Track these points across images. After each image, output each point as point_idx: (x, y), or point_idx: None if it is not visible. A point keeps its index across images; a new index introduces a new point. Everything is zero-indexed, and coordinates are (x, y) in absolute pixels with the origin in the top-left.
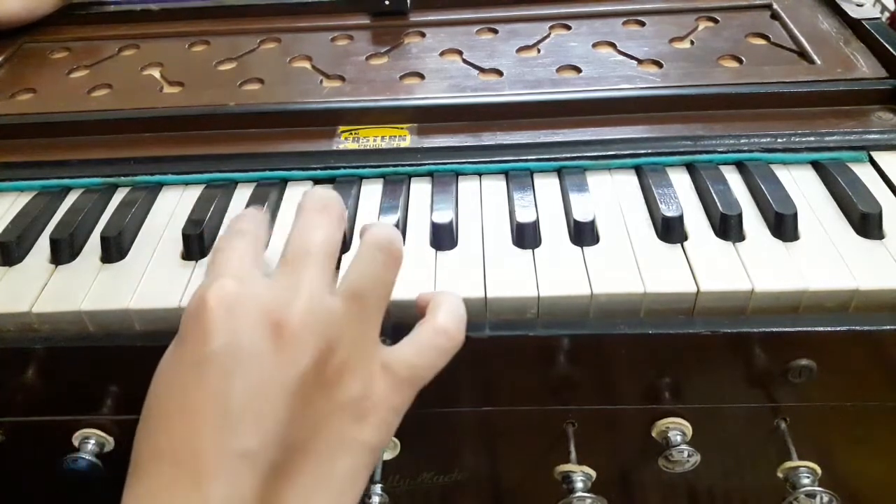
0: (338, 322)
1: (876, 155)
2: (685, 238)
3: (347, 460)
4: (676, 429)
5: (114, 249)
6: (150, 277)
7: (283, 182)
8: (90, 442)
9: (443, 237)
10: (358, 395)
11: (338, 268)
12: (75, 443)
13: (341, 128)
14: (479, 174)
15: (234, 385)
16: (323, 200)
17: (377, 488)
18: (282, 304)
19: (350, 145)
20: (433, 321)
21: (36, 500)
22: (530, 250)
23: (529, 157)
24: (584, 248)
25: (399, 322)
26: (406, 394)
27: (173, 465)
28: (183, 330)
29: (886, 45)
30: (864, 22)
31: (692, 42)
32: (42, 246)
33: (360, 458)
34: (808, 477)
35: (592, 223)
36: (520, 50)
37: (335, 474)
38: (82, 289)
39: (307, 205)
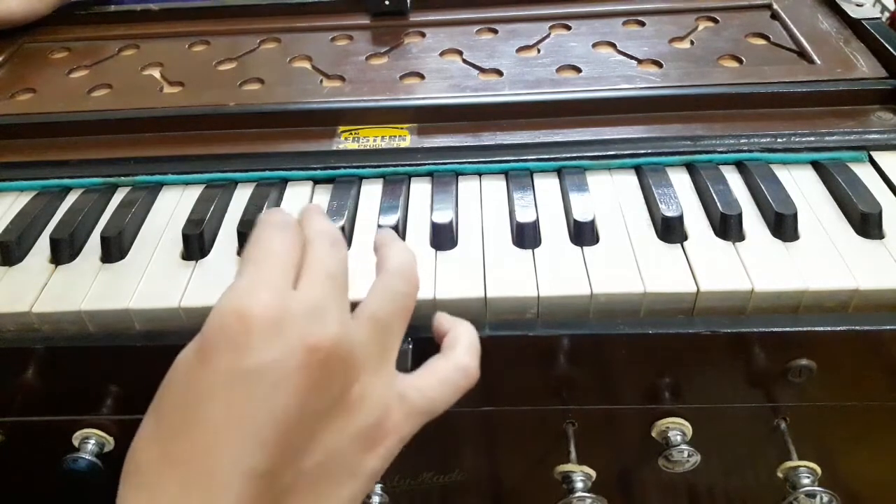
0: (363, 350)
1: (876, 155)
2: (685, 238)
3: (351, 487)
4: (676, 429)
5: (114, 249)
6: (150, 277)
7: (283, 182)
8: (90, 442)
9: (443, 237)
10: (373, 425)
11: None
12: (75, 443)
13: (341, 128)
14: (479, 174)
15: (261, 406)
16: (334, 234)
17: (377, 488)
18: (316, 330)
19: (350, 145)
20: (455, 358)
21: (36, 500)
22: (530, 250)
23: (529, 157)
24: (584, 247)
25: None
26: (416, 424)
27: (185, 475)
28: (215, 337)
29: (886, 45)
30: (864, 22)
31: (692, 42)
32: (42, 246)
33: (363, 485)
34: (808, 477)
35: (592, 223)
36: (520, 50)
37: (338, 501)
38: (82, 289)
39: (316, 232)
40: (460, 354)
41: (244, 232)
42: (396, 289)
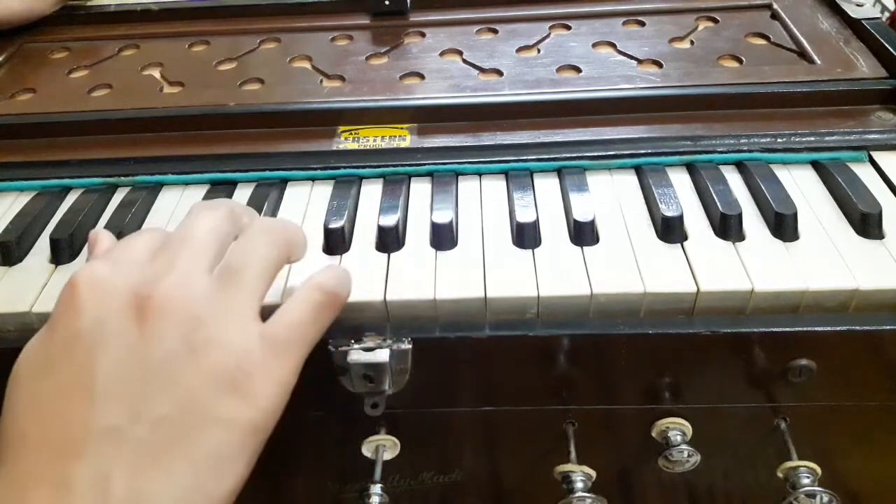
0: (207, 297)
1: (876, 155)
2: (685, 238)
3: (218, 437)
4: (676, 429)
5: None
6: None
7: (283, 182)
8: None
9: (443, 237)
10: (230, 367)
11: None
12: None
13: (341, 128)
14: (479, 174)
15: (99, 362)
16: (210, 202)
17: (377, 488)
18: (148, 281)
19: (350, 145)
20: (309, 280)
21: None
22: (530, 250)
23: (529, 157)
24: (584, 248)
25: (399, 323)
26: (288, 361)
27: (39, 446)
28: (55, 311)
29: (886, 45)
30: (864, 22)
31: (692, 42)
32: (42, 246)
33: (234, 435)
34: (808, 477)
35: (592, 223)
36: (520, 50)
37: (205, 452)
38: None
39: (196, 205)
40: (316, 276)
41: None
42: (255, 238)
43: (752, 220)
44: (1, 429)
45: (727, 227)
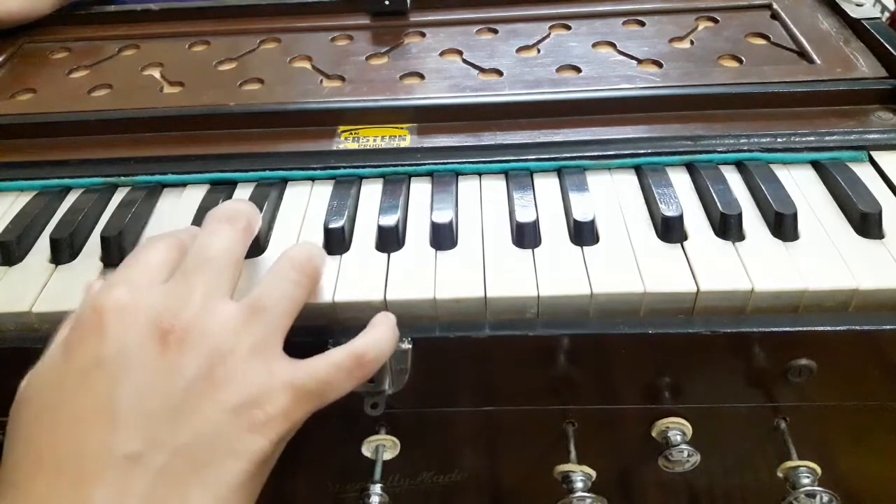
0: (230, 330)
1: (876, 155)
2: (685, 238)
3: (234, 467)
4: (676, 429)
5: (114, 249)
6: None
7: (283, 182)
8: None
9: (443, 237)
10: (250, 403)
11: None
12: None
13: (341, 128)
14: (479, 174)
15: (120, 390)
16: (229, 212)
17: (377, 488)
18: (171, 310)
19: (350, 145)
20: (352, 345)
21: None
22: (530, 250)
23: (529, 157)
24: (584, 247)
25: (399, 323)
26: (306, 408)
27: (56, 471)
28: (70, 336)
29: (886, 45)
30: (864, 22)
31: (692, 42)
32: (42, 246)
33: (249, 465)
34: (808, 477)
35: (592, 223)
36: (520, 50)
37: (221, 481)
38: (82, 289)
39: (213, 215)
40: (357, 343)
41: None
42: (285, 275)
43: (752, 220)
44: (9, 450)
45: (727, 226)
